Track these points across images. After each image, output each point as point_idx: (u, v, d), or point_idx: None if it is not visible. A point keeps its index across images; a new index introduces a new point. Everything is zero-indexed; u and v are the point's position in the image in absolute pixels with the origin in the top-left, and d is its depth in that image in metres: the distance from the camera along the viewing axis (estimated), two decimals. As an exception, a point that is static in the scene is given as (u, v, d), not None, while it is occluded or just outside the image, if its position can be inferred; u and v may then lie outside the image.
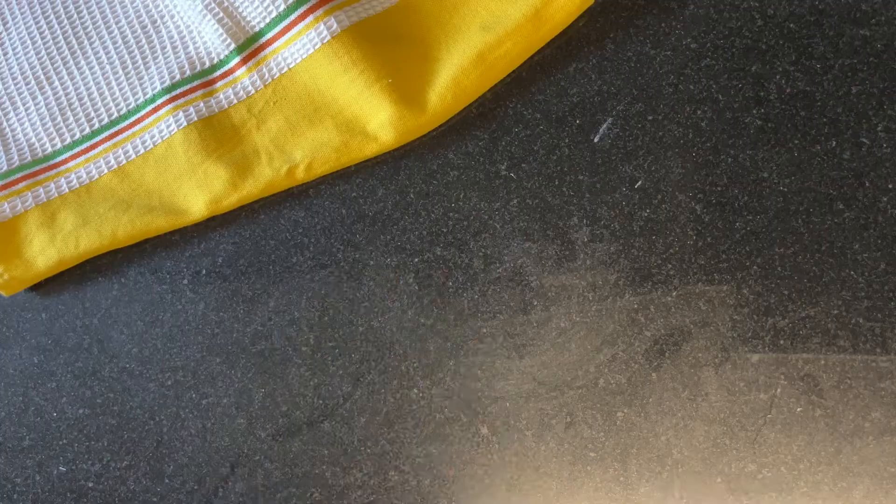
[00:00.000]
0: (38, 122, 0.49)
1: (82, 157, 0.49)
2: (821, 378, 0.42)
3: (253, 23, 0.47)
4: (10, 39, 0.51)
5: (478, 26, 0.45)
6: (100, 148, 0.49)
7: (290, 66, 0.47)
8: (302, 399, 0.47)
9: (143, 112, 0.48)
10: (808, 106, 0.44)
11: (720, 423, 0.43)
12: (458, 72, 0.45)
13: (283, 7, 0.46)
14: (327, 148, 0.46)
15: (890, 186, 0.42)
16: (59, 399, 0.49)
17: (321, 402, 0.46)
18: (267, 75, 0.47)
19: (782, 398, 0.42)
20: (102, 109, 0.49)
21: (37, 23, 0.50)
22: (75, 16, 0.50)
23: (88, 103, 0.49)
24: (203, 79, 0.48)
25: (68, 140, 0.49)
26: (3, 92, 0.50)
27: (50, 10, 0.50)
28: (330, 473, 0.46)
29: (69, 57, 0.50)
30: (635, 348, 0.44)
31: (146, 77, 0.49)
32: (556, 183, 0.46)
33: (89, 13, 0.50)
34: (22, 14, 0.50)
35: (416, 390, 0.46)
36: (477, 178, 0.46)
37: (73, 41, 0.50)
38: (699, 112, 0.45)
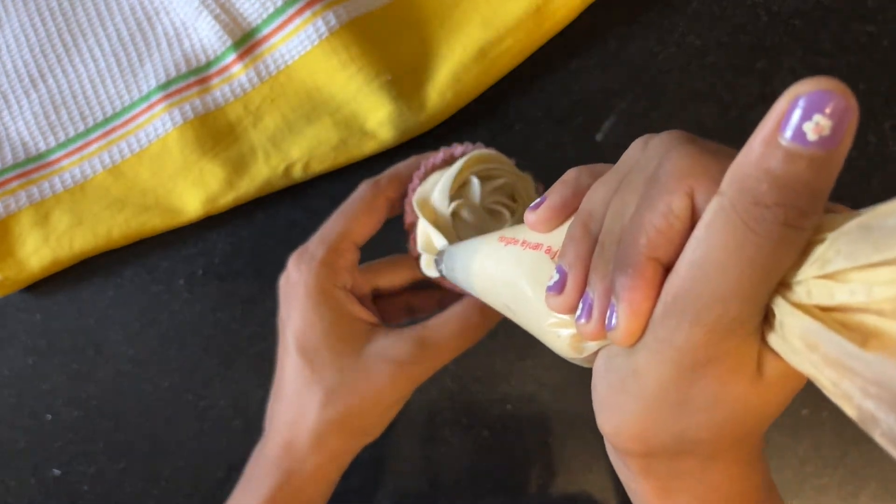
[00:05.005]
0: (32, 120, 0.49)
1: (76, 156, 0.48)
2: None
3: (249, 18, 0.46)
4: (3, 36, 0.50)
5: (478, 22, 0.44)
6: (94, 146, 0.48)
7: (288, 63, 0.46)
8: (300, 401, 0.46)
9: (137, 110, 0.47)
10: (813, 103, 0.43)
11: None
12: (458, 68, 0.44)
13: (280, 2, 0.45)
14: (325, 146, 0.45)
15: (897, 185, 0.42)
16: (54, 401, 0.48)
17: (319, 404, 0.46)
18: (264, 72, 0.46)
19: (788, 400, 0.42)
20: (97, 107, 0.48)
21: (30, 19, 0.50)
22: (69, 12, 0.49)
23: (83, 101, 0.49)
24: (199, 76, 0.47)
25: (62, 138, 0.48)
26: (-5, 89, 0.50)
27: (44, 7, 0.49)
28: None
29: (63, 54, 0.49)
30: (638, 349, 0.44)
31: (141, 74, 0.48)
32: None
33: (83, 9, 0.49)
34: (16, 10, 0.50)
35: (415, 392, 0.45)
36: (477, 176, 0.46)
37: (68, 38, 0.49)
38: (704, 110, 0.44)
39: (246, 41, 0.46)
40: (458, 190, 0.30)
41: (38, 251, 0.47)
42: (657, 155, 0.19)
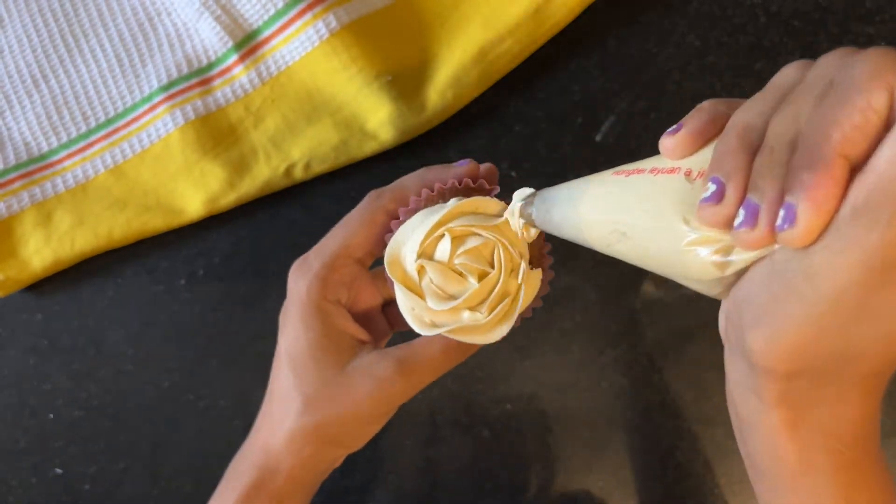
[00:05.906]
0: (34, 121, 0.49)
1: (78, 156, 0.48)
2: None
3: (251, 20, 0.46)
4: (5, 38, 0.50)
5: (478, 23, 0.44)
6: (96, 147, 0.48)
7: (289, 64, 0.46)
8: (300, 401, 0.46)
9: (139, 111, 0.48)
10: (813, 104, 0.44)
11: (724, 425, 0.43)
12: (458, 69, 0.44)
13: (281, 4, 0.45)
14: (326, 146, 0.45)
15: None
16: (55, 401, 0.48)
17: (320, 404, 0.46)
18: (265, 73, 0.46)
19: (787, 400, 0.42)
20: (99, 108, 0.49)
21: (33, 21, 0.50)
22: (72, 13, 0.50)
23: (85, 101, 0.49)
24: (200, 77, 0.47)
25: (64, 139, 0.49)
26: (-2, 90, 0.50)
27: (46, 8, 0.50)
28: (327, 477, 0.46)
29: (65, 55, 0.49)
30: (638, 350, 0.44)
31: (143, 75, 0.48)
32: (559, 182, 0.45)
33: (86, 11, 0.49)
34: (18, 12, 0.50)
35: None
36: (477, 177, 0.46)
37: (70, 39, 0.49)
38: (703, 110, 0.44)
39: (247, 43, 0.46)
40: (433, 241, 0.29)
41: (39, 251, 0.47)
42: (835, 67, 0.18)
